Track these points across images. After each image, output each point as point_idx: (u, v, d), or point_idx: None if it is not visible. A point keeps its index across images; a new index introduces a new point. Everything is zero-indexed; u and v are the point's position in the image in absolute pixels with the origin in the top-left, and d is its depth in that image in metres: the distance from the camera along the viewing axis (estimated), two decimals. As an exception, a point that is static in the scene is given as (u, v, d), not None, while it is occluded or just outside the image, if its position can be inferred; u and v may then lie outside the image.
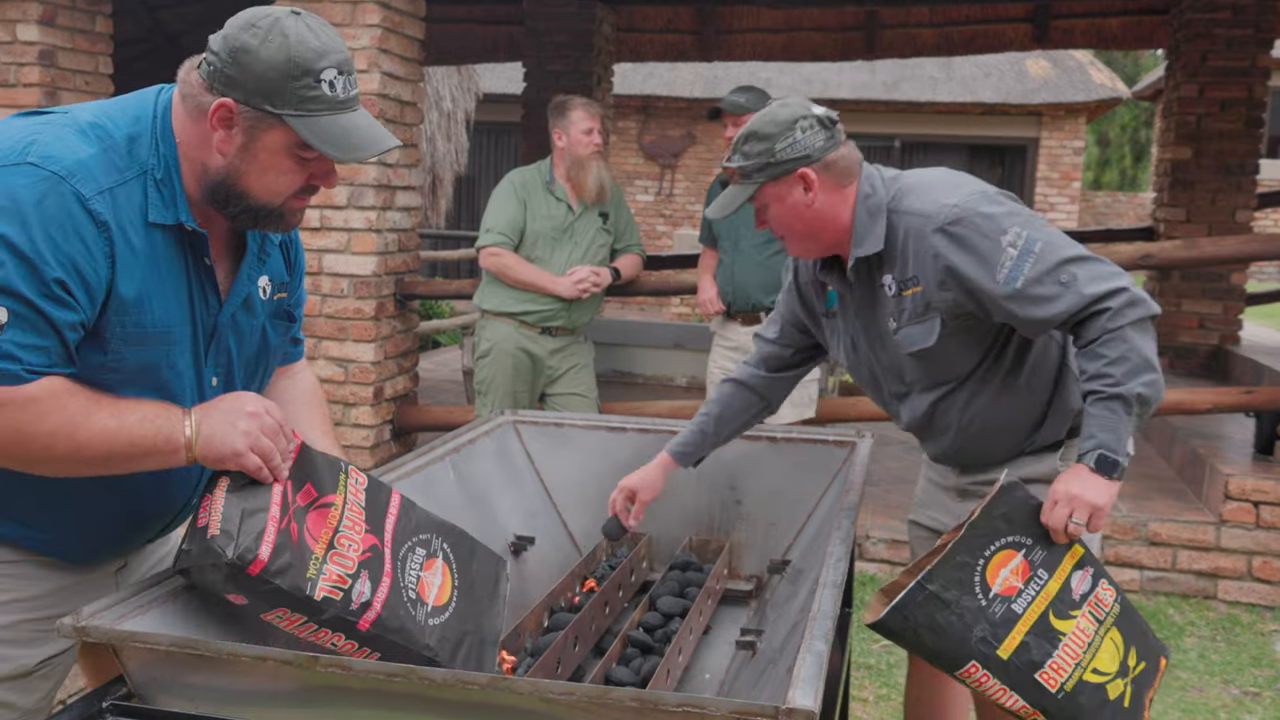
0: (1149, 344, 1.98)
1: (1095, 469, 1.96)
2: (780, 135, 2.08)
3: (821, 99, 13.22)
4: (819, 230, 2.15)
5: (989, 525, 1.97)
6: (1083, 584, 2.02)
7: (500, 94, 13.36)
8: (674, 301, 12.90)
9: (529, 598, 2.64)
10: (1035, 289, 1.99)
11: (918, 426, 2.33)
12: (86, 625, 1.52)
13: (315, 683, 1.47)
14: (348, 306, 4.83)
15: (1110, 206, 19.01)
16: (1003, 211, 2.04)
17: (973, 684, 1.97)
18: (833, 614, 1.65)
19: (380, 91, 4.71)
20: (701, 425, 2.54)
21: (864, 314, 2.23)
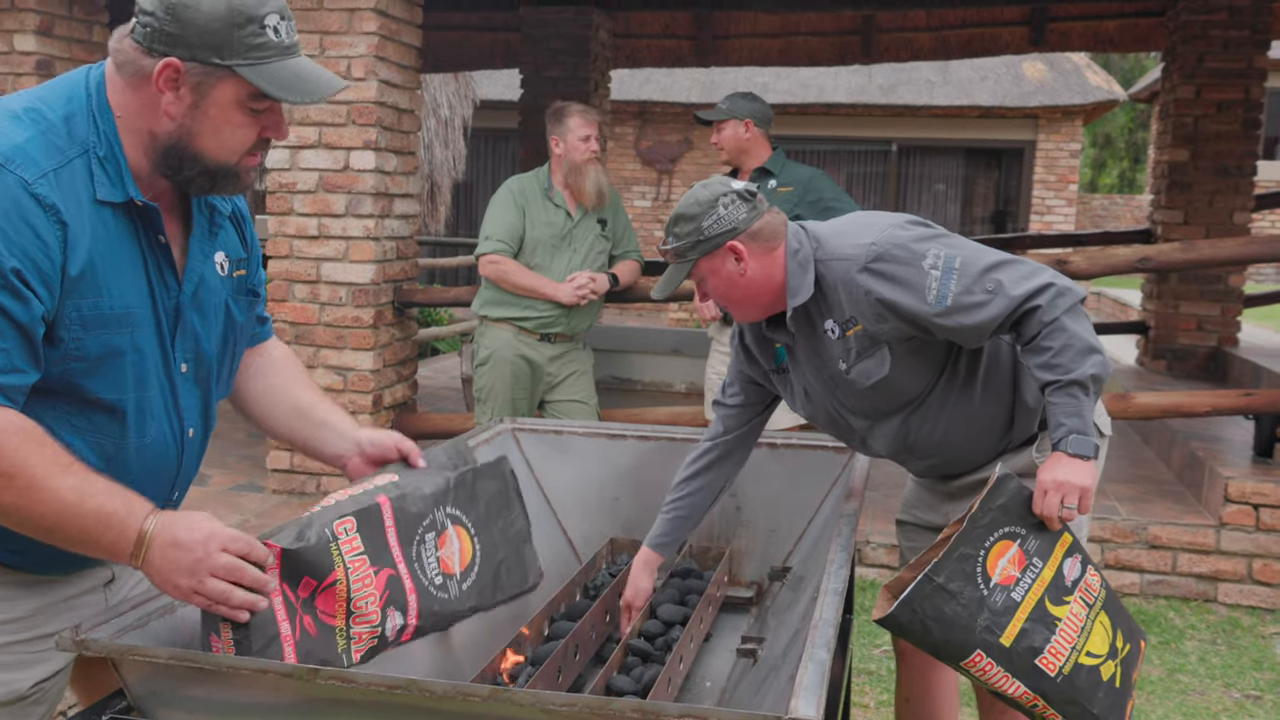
0: (1085, 327, 2.10)
1: (1073, 454, 2.06)
2: (705, 214, 2.22)
3: (818, 103, 13.25)
4: (756, 294, 2.27)
5: (987, 517, 2.02)
6: (1073, 570, 2.09)
7: (497, 100, 13.37)
8: (672, 307, 12.90)
9: (529, 606, 2.63)
10: (965, 301, 2.10)
11: (894, 451, 2.40)
12: (86, 639, 1.51)
13: (316, 695, 1.47)
14: (346, 315, 4.83)
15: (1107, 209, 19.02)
16: (917, 237, 2.17)
17: (977, 673, 2.01)
18: (835, 622, 1.65)
19: (378, 99, 4.71)
20: (675, 513, 2.53)
21: (813, 362, 2.33)
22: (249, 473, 5.31)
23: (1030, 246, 9.00)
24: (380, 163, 4.78)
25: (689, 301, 4.58)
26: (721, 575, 2.75)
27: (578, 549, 2.99)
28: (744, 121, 4.27)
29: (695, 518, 2.56)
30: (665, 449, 3.03)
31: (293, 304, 4.88)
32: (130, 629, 1.59)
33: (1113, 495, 4.92)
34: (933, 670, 2.71)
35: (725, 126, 4.30)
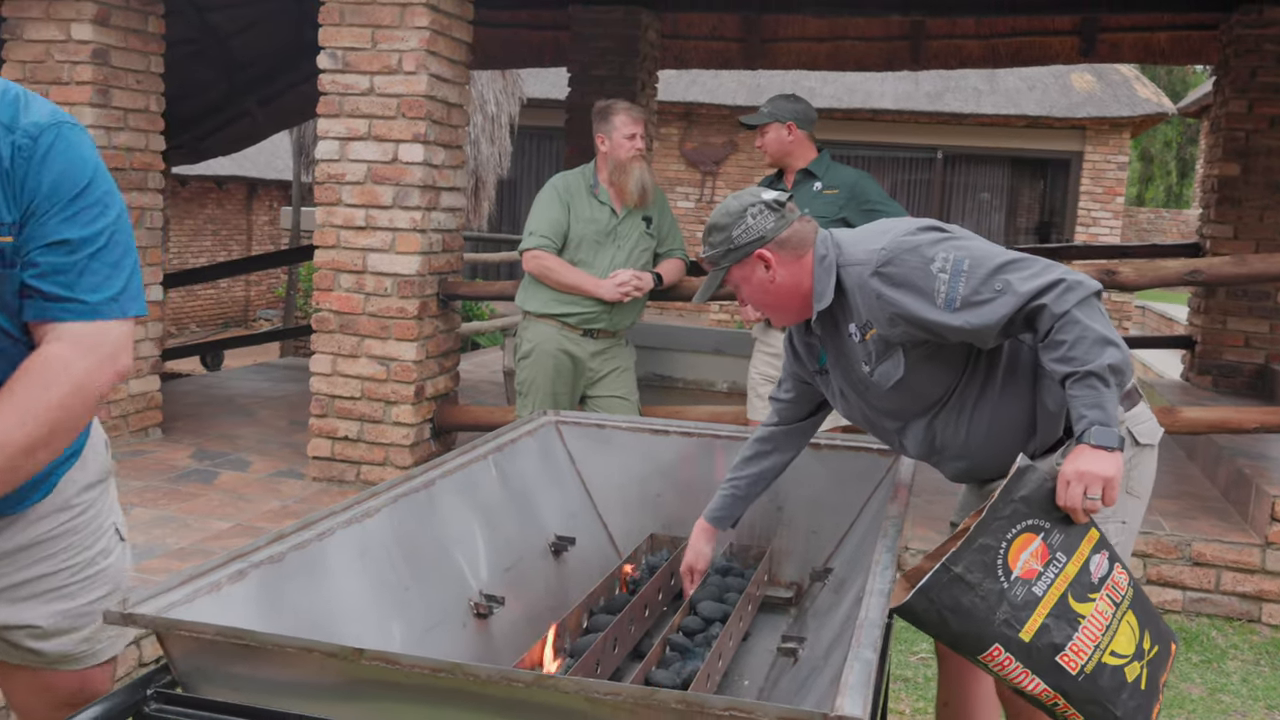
0: (1099, 319, 2.08)
1: (1096, 445, 2.03)
2: (734, 224, 2.32)
3: (864, 109, 13.17)
4: (787, 300, 2.35)
5: (1008, 508, 1.99)
6: (1100, 567, 2.05)
7: (543, 99, 13.39)
8: (713, 308, 12.87)
9: (569, 598, 2.63)
10: (974, 301, 2.11)
11: (925, 453, 2.42)
12: (134, 613, 1.52)
13: (361, 676, 1.46)
14: (391, 306, 4.84)
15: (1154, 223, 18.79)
16: (927, 240, 2.19)
17: (995, 668, 1.98)
18: (880, 622, 1.62)
19: (428, 93, 4.72)
20: (733, 489, 2.65)
21: (842, 364, 2.39)
22: (290, 460, 5.34)
23: (1076, 257, 8.88)
24: (428, 156, 4.79)
25: (730, 302, 4.55)
26: (761, 574, 2.73)
27: (618, 543, 2.98)
28: (786, 124, 4.24)
29: (749, 497, 2.65)
30: (708, 446, 3.01)
31: (338, 294, 4.90)
32: (178, 604, 1.59)
33: (1156, 510, 4.84)
34: (972, 676, 2.67)
35: (768, 130, 4.27)
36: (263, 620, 1.71)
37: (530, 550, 2.62)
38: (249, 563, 1.77)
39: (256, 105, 8.76)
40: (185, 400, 6.68)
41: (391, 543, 2.12)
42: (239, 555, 1.77)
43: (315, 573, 1.89)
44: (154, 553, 4.00)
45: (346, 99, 4.81)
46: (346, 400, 4.95)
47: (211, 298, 17.03)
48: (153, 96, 5.37)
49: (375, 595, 2.02)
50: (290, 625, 1.75)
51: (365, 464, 4.95)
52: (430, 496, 2.32)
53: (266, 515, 4.51)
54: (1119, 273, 4.39)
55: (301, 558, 1.87)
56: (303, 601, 1.83)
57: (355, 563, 2.01)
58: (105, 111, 5.09)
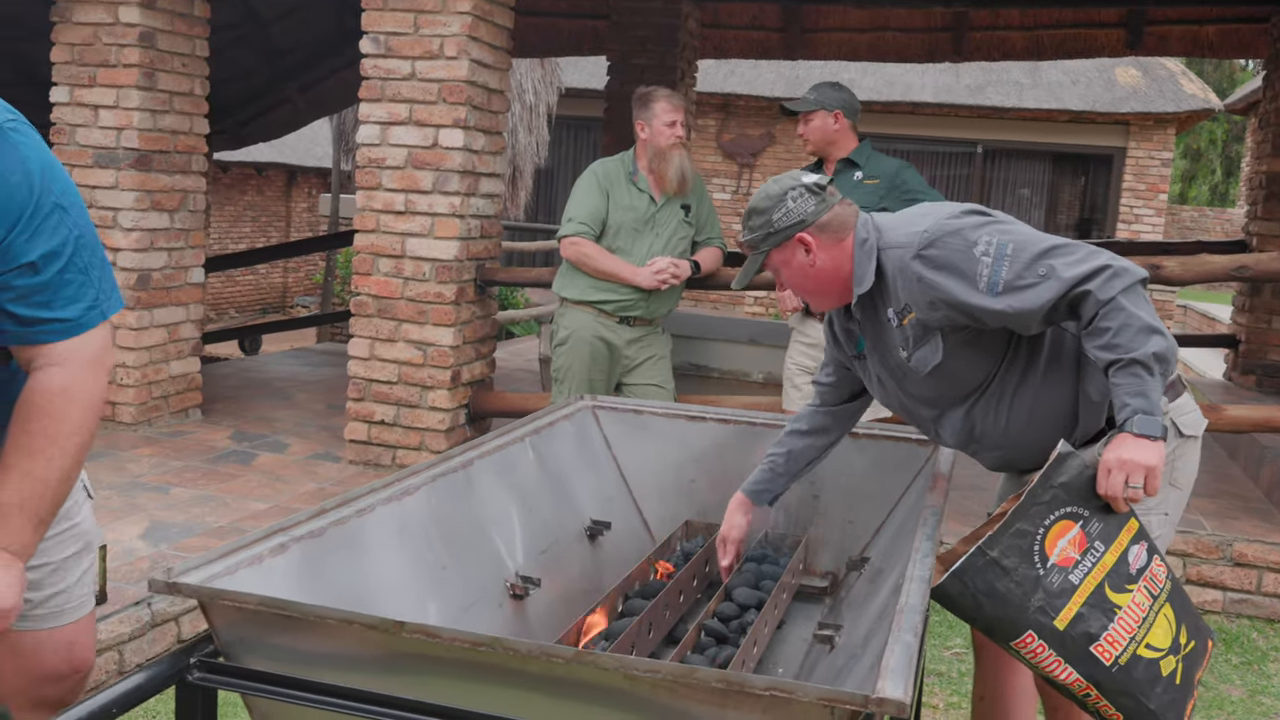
0: (1144, 307, 2.04)
1: (1139, 433, 1.99)
2: (775, 207, 2.30)
3: (903, 102, 13.07)
4: (827, 284, 2.33)
5: (1047, 494, 1.97)
6: (1139, 558, 2.02)
7: (582, 88, 13.40)
8: (748, 300, 12.84)
9: (603, 583, 2.63)
10: (1018, 285, 2.08)
11: (962, 442, 2.40)
12: (178, 582, 1.53)
13: (400, 649, 1.47)
14: (428, 290, 4.86)
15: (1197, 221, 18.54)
16: (970, 224, 2.17)
17: (1028, 655, 1.97)
18: (921, 608, 1.61)
19: (469, 79, 4.73)
20: (772, 465, 2.64)
21: (880, 350, 2.37)
22: (326, 442, 5.38)
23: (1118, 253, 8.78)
24: (468, 141, 4.80)
25: (765, 294, 4.53)
26: (797, 563, 2.72)
27: (652, 529, 2.98)
28: (833, 113, 4.21)
29: (789, 475, 2.64)
30: (745, 433, 3.01)
31: (377, 278, 4.93)
32: (220, 575, 1.61)
33: (1197, 509, 4.78)
34: (1009, 670, 2.65)
35: (813, 118, 4.24)
36: (303, 593, 1.72)
37: (566, 533, 2.63)
38: (290, 536, 1.78)
39: (297, 91, 8.83)
40: (224, 383, 6.74)
41: (430, 522, 2.13)
42: (280, 529, 1.78)
43: (355, 548, 1.90)
44: (193, 531, 4.04)
45: (388, 84, 4.83)
46: (383, 384, 4.98)
47: (250, 283, 17.18)
48: (198, 80, 5.42)
49: (413, 573, 2.03)
50: (330, 599, 1.76)
51: (401, 448, 4.98)
52: (468, 477, 2.33)
53: (303, 497, 4.55)
54: (1163, 267, 4.33)
55: (341, 533, 1.88)
56: (342, 576, 1.84)
57: (394, 540, 2.02)
58: (151, 94, 5.14)
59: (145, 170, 5.17)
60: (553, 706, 1.42)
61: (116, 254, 5.18)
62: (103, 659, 3.18)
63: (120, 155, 5.11)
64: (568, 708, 1.42)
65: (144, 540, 3.92)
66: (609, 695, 1.40)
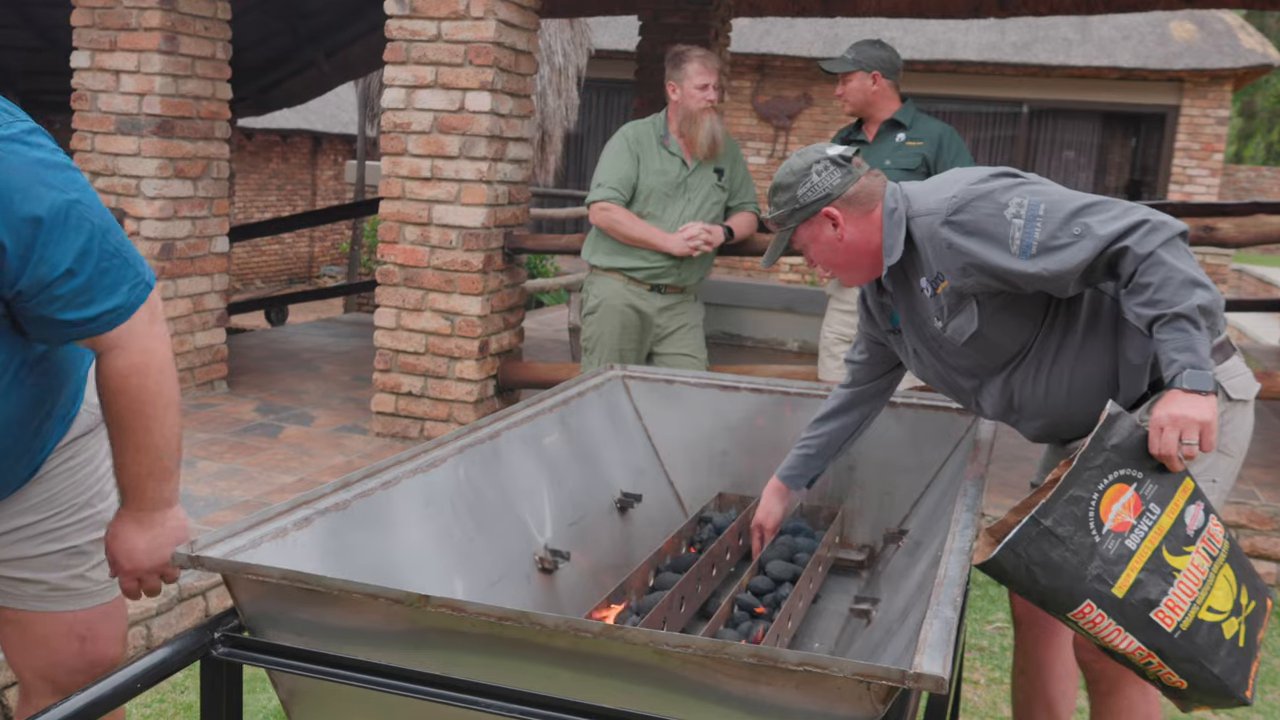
0: (1186, 260, 2.01)
1: (1189, 389, 1.97)
2: (799, 182, 2.30)
3: (946, 60, 12.90)
4: (857, 258, 2.33)
5: (1100, 457, 1.95)
6: (1196, 519, 2.00)
7: (613, 50, 13.31)
8: (783, 266, 12.77)
9: (634, 556, 2.64)
10: (1052, 246, 2.06)
11: (1002, 412, 2.38)
12: (201, 555, 1.55)
13: (426, 624, 1.48)
14: (455, 259, 4.87)
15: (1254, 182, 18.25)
16: (1000, 186, 2.14)
17: (1086, 625, 1.95)
18: (960, 581, 1.60)
19: (495, 39, 4.72)
20: (805, 450, 2.66)
21: (914, 321, 2.36)
22: (353, 415, 5.42)
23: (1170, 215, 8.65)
24: (496, 105, 4.79)
25: (800, 259, 4.49)
26: (832, 536, 2.72)
27: (684, 502, 2.98)
28: (871, 74, 4.16)
29: (823, 457, 2.66)
30: (779, 403, 3.00)
31: (403, 246, 4.94)
32: (243, 549, 1.62)
33: (1251, 480, 4.72)
34: (1049, 644, 2.64)
35: (851, 78, 4.19)
36: (328, 567, 1.74)
37: (596, 506, 2.63)
38: (315, 510, 1.79)
39: (322, 55, 8.82)
40: (250, 354, 6.80)
41: (456, 494, 2.14)
42: (304, 502, 1.80)
43: (380, 521, 1.91)
44: (220, 505, 4.09)
45: (413, 45, 4.82)
46: (410, 355, 5.00)
47: (276, 253, 17.27)
48: (220, 44, 5.43)
49: (440, 546, 2.04)
50: (355, 573, 1.78)
51: (429, 420, 5.00)
52: (495, 449, 2.33)
53: (330, 470, 4.59)
54: (1218, 229, 4.27)
55: (367, 506, 1.89)
56: (368, 549, 1.85)
57: (420, 512, 2.03)
58: (173, 59, 5.16)
59: (168, 137, 5.20)
60: (581, 682, 1.43)
61: (140, 223, 5.22)
62: (130, 634, 3.23)
63: (142, 122, 5.14)
64: (597, 683, 1.43)
65: (171, 513, 3.97)
66: (638, 671, 1.40)
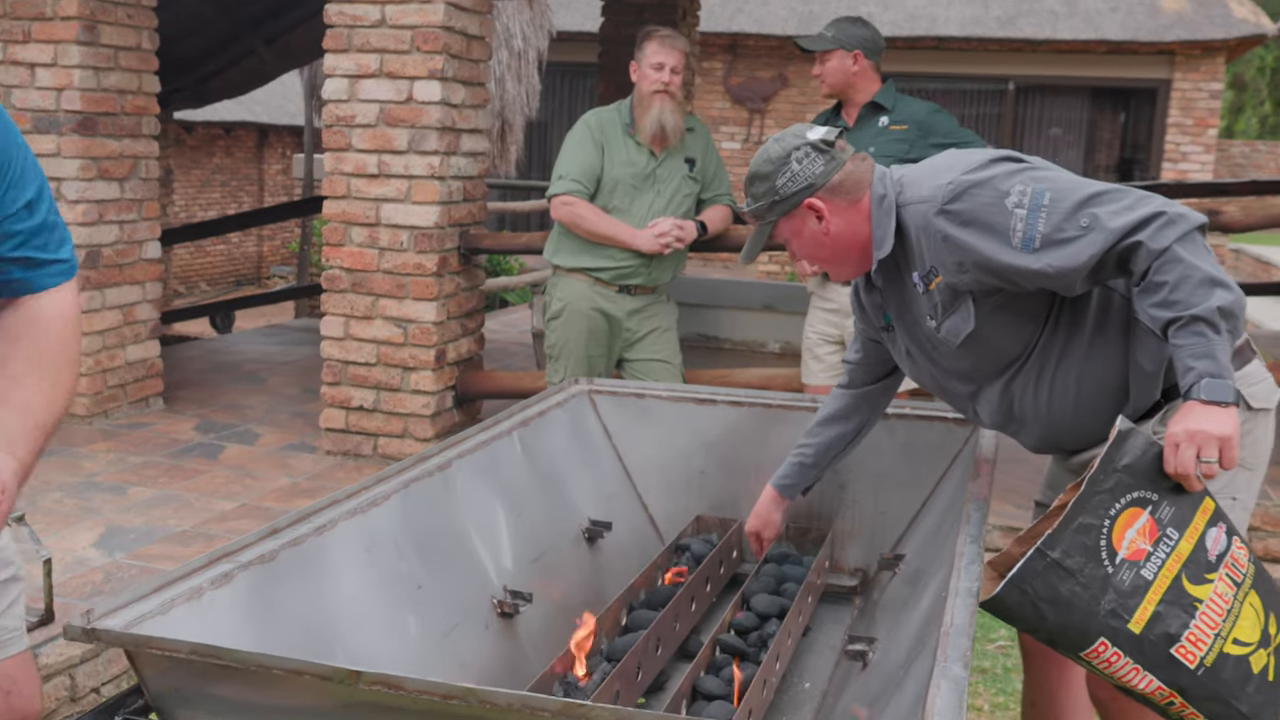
0: (1204, 257, 1.90)
1: (1207, 400, 1.86)
2: (778, 171, 2.18)
3: (927, 36, 12.84)
4: (845, 252, 2.23)
5: (1110, 479, 1.85)
6: (1218, 543, 1.91)
7: (575, 31, 13.17)
8: (762, 258, 12.68)
9: (606, 592, 2.51)
10: (1057, 239, 1.95)
11: (1001, 421, 2.27)
12: (97, 627, 1.41)
13: (358, 700, 1.35)
14: (407, 261, 4.72)
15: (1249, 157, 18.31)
16: (1001, 173, 2.03)
17: (1101, 665, 1.86)
18: (969, 630, 1.48)
19: (445, 24, 4.57)
20: (801, 458, 2.60)
21: (906, 319, 2.26)
22: (301, 431, 5.26)
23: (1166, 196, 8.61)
24: (447, 94, 4.65)
25: (780, 252, 4.38)
26: (823, 561, 2.61)
27: (660, 527, 2.86)
28: (853, 53, 4.03)
29: (819, 466, 2.59)
30: (759, 417, 2.88)
31: (350, 248, 4.79)
32: (150, 616, 1.48)
33: (1266, 478, 4.64)
34: (1061, 674, 2.54)
35: (830, 57, 4.07)
36: (252, 631, 1.60)
37: (561, 538, 2.50)
38: (236, 563, 1.65)
39: (262, 43, 8.65)
40: (189, 366, 6.63)
41: (402, 536, 2.01)
42: (225, 555, 1.66)
43: (313, 573, 1.78)
44: (152, 537, 3.93)
45: (355, 31, 4.67)
46: (361, 366, 4.85)
47: (222, 253, 17.04)
48: (145, 33, 5.26)
49: (384, 596, 1.91)
50: (284, 636, 1.64)
51: (382, 436, 4.86)
52: (446, 480, 2.20)
53: (275, 494, 4.43)
54: (1223, 212, 4.18)
55: (297, 556, 1.76)
56: (299, 607, 1.72)
57: (360, 559, 1.89)
58: (93, 50, 4.98)
59: (90, 135, 5.02)
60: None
61: (63, 230, 5.04)
62: (52, 685, 3.07)
63: (61, 119, 4.96)
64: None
65: (97, 549, 3.81)
66: (606, 751, 1.27)
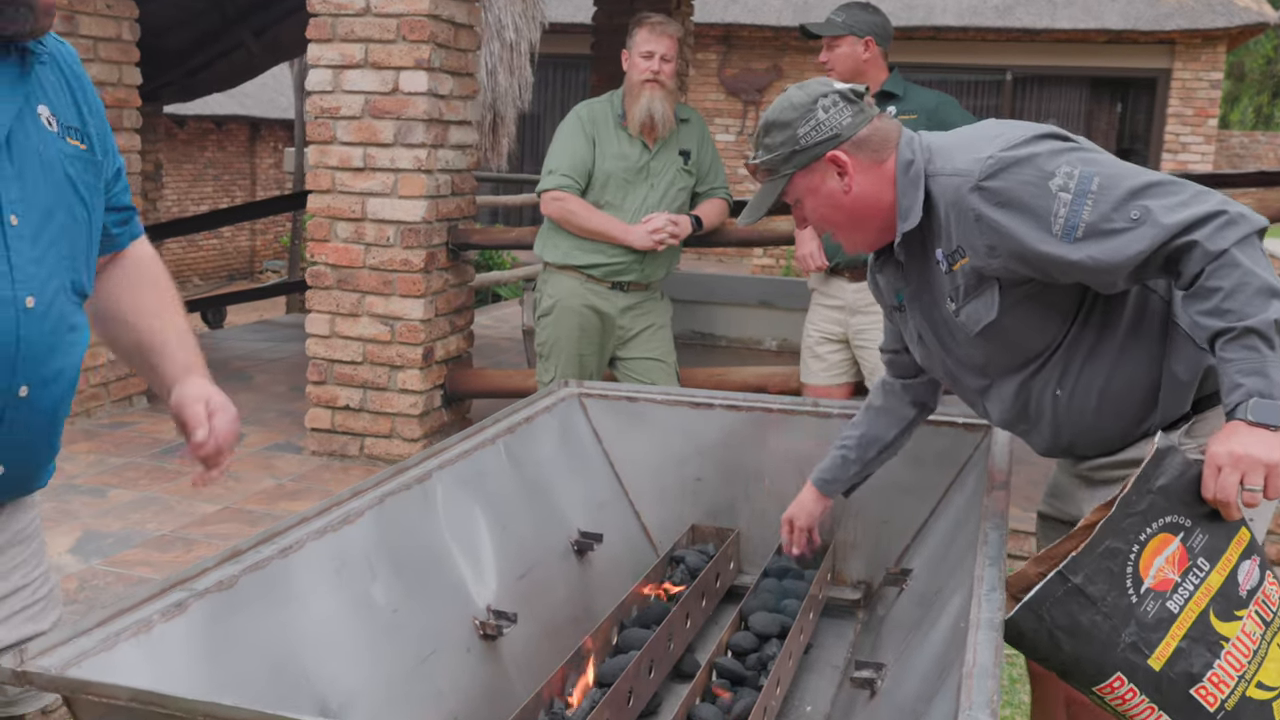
0: (1263, 264, 1.73)
1: (1255, 421, 1.68)
2: (801, 119, 1.97)
3: (924, 26, 12.70)
4: (864, 217, 2.02)
5: (1144, 501, 1.69)
6: (1250, 577, 1.75)
7: (567, 23, 13.01)
8: (756, 253, 12.54)
9: (596, 609, 2.38)
10: (1102, 229, 1.78)
11: (1011, 420, 2.09)
12: (29, 669, 1.27)
13: (317, 754, 1.21)
14: (394, 257, 4.58)
15: (1247, 147, 18.16)
16: (1046, 150, 1.84)
17: (1113, 701, 1.72)
18: (994, 671, 1.34)
19: (431, 12, 4.43)
20: (843, 451, 2.40)
21: (923, 300, 2.07)
22: (287, 431, 5.13)
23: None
24: (434, 85, 4.50)
25: (776, 247, 4.24)
26: (824, 573, 2.48)
27: (654, 537, 2.72)
28: (864, 39, 3.88)
29: (861, 460, 2.41)
30: (758, 421, 2.74)
31: (335, 244, 4.65)
32: (92, 653, 1.35)
33: None
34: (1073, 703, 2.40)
35: (840, 44, 3.91)
36: (207, 667, 1.46)
37: (549, 552, 2.37)
38: (191, 591, 1.52)
39: (251, 36, 8.50)
40: (176, 364, 6.48)
41: (377, 554, 1.87)
42: (179, 582, 1.52)
43: (277, 599, 1.64)
44: (131, 542, 3.80)
45: (339, 20, 4.53)
46: (347, 365, 4.71)
47: (215, 248, 16.86)
48: (125, 24, 5.11)
49: (355, 622, 1.77)
50: (243, 671, 1.51)
51: (369, 436, 4.72)
52: (425, 493, 2.06)
53: (259, 496, 4.30)
54: (1235, 206, 4.04)
55: (259, 581, 1.62)
56: (261, 638, 1.58)
57: (331, 581, 1.76)
58: (72, 41, 4.80)
59: (69, 129, 4.88)
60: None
61: (41, 225, 4.90)
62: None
63: (39, 113, 4.81)
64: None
65: (74, 554, 3.68)
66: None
